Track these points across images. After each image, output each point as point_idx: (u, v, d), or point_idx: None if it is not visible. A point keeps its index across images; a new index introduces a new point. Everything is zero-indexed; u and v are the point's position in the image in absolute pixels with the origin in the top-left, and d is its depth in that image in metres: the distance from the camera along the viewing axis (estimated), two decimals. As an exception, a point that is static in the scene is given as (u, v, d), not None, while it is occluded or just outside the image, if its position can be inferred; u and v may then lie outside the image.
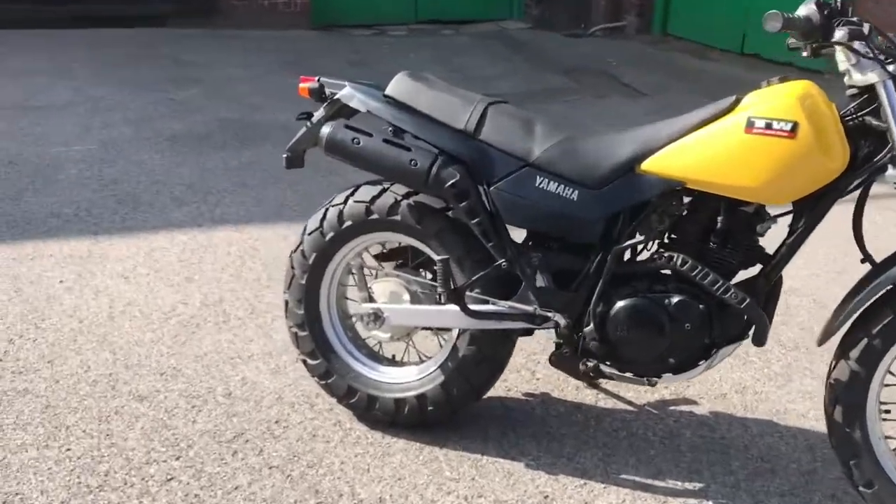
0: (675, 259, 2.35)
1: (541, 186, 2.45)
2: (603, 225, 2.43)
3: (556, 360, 2.54)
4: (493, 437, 2.82)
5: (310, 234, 2.81)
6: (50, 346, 3.31)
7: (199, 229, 4.51)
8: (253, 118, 6.35)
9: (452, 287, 2.50)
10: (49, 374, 3.11)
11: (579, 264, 2.50)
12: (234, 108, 6.58)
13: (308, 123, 2.79)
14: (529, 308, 2.51)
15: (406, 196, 2.68)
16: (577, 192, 2.43)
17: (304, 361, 2.92)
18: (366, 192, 2.74)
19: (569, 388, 3.14)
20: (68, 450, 2.71)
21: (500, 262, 2.51)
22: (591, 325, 2.45)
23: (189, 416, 2.91)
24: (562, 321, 2.48)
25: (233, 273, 4.01)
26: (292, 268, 2.85)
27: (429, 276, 2.82)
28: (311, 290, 2.85)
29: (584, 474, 2.67)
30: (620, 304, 2.43)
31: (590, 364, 2.48)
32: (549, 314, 2.49)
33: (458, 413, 2.80)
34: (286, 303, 2.90)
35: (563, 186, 2.43)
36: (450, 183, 2.47)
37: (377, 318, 2.70)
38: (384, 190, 2.71)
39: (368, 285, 2.75)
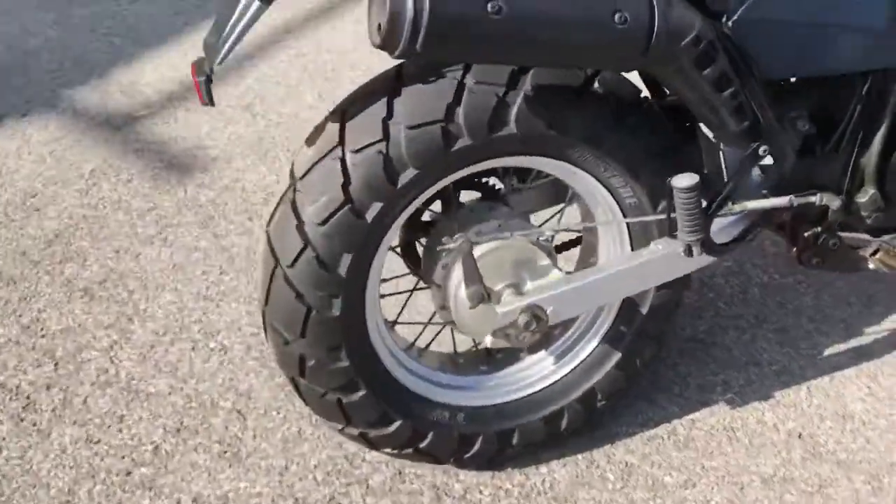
0: None
1: None
2: None
3: (824, 258, 1.61)
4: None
5: (323, 223, 1.35)
6: None
7: None
8: None
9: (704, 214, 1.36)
10: None
11: (838, 109, 1.52)
12: None
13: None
14: (784, 200, 1.49)
15: (511, 85, 1.35)
16: None
17: (365, 436, 1.57)
18: (424, 103, 1.33)
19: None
20: None
21: (755, 146, 1.41)
22: (872, 188, 1.55)
23: None
24: (834, 200, 1.53)
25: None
26: (297, 296, 1.39)
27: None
28: (352, 321, 1.44)
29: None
30: None
31: (884, 244, 1.60)
32: (812, 198, 1.51)
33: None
34: (300, 360, 1.45)
35: None
36: (688, 39, 1.23)
37: (537, 320, 1.44)
38: (460, 85, 1.33)
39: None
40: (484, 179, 1.63)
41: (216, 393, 1.87)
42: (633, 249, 1.55)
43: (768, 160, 1.45)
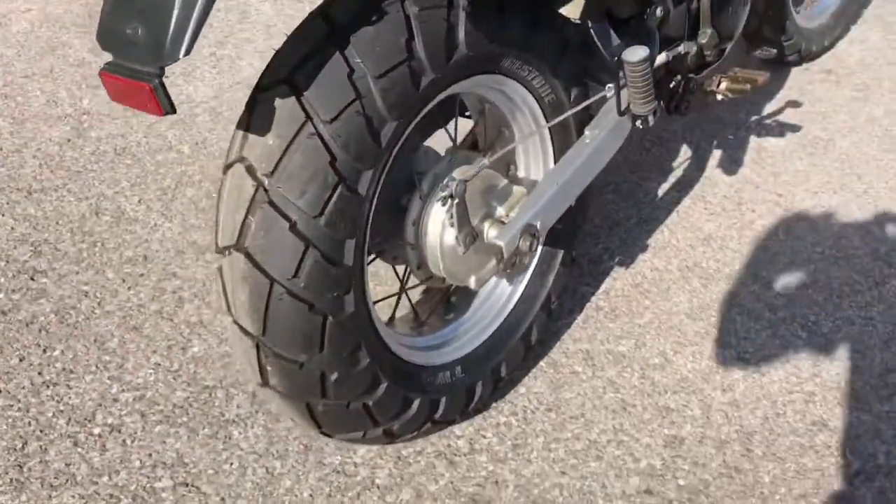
0: None
1: None
2: None
3: (689, 102, 1.71)
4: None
5: (321, 213, 1.14)
6: None
7: None
8: None
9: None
10: None
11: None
12: None
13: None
14: (664, 56, 1.57)
15: (450, 5, 1.23)
16: None
17: (389, 431, 1.39)
18: (382, 45, 1.16)
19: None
20: None
21: (651, 8, 1.45)
22: (709, 28, 1.68)
23: None
24: (691, 46, 1.65)
25: None
26: (310, 307, 1.17)
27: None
28: (362, 314, 1.26)
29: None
30: None
31: (723, 74, 1.75)
32: (679, 48, 1.62)
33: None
34: (321, 379, 1.23)
35: None
36: None
37: (534, 237, 1.36)
38: (406, 16, 1.18)
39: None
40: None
41: (143, 478, 1.53)
42: (554, 146, 1.55)
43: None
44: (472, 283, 1.44)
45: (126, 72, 0.99)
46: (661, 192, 2.21)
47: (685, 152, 2.34)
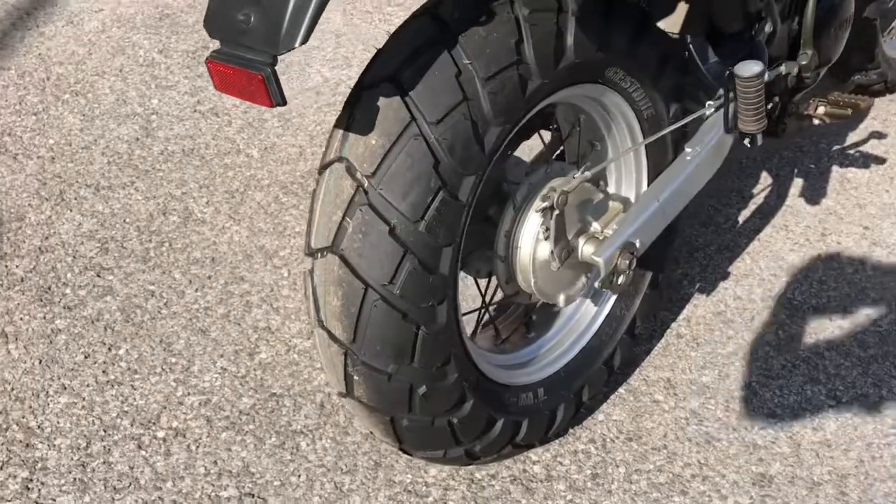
0: None
1: None
2: None
3: (787, 125, 1.64)
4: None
5: (421, 218, 1.09)
6: None
7: None
8: None
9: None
10: None
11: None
12: None
13: None
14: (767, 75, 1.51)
15: (561, 9, 1.18)
16: None
17: (470, 451, 1.33)
18: (491, 46, 1.11)
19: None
20: None
21: (760, 24, 1.40)
22: (810, 49, 1.62)
23: None
24: (793, 67, 1.57)
25: None
26: (403, 316, 1.12)
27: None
28: (453, 326, 1.20)
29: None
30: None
31: (821, 99, 1.68)
32: (781, 68, 1.55)
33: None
34: (409, 392, 1.18)
35: None
36: None
37: (633, 256, 1.30)
38: (516, 18, 1.13)
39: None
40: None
41: (208, 486, 1.48)
42: (649, 163, 1.49)
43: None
44: (560, 300, 1.37)
45: (236, 60, 0.95)
46: (741, 219, 2.13)
47: (765, 179, 2.26)
